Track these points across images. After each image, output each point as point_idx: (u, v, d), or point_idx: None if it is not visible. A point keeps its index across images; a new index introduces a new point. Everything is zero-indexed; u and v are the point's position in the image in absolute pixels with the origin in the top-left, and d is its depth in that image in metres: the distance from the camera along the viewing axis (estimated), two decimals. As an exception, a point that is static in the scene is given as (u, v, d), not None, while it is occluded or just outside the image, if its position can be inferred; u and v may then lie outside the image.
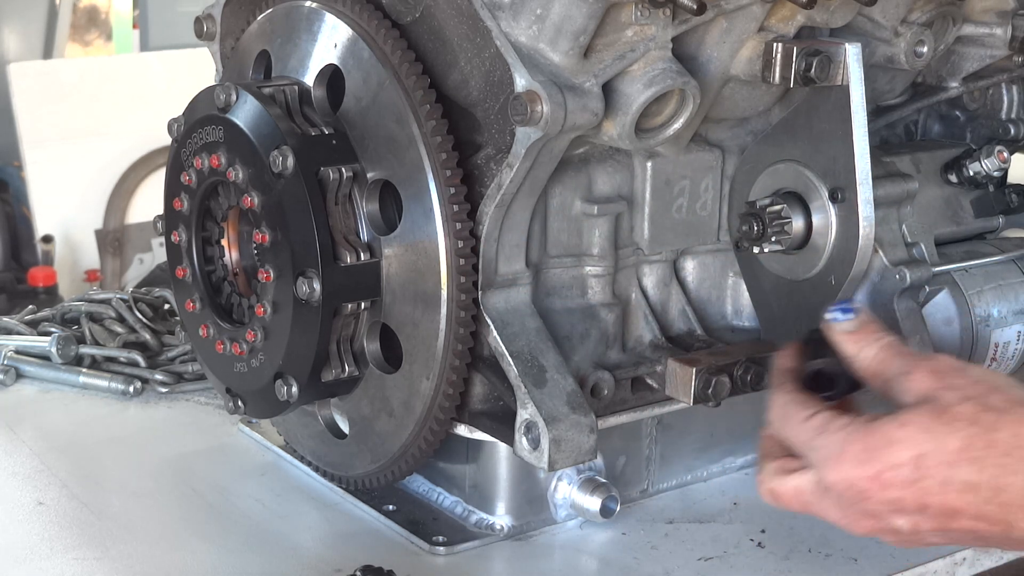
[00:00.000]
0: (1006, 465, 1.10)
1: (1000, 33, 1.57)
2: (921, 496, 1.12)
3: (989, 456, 1.10)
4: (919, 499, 1.12)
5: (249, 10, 1.51)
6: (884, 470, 1.12)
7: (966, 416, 1.11)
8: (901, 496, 1.13)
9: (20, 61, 5.35)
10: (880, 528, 1.16)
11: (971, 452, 1.10)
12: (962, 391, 1.13)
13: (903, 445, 1.12)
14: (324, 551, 1.41)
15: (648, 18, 1.27)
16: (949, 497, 1.11)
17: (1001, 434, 1.10)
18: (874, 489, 1.13)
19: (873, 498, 1.14)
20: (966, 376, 1.15)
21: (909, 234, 1.49)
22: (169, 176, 1.48)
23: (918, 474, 1.12)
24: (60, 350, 1.85)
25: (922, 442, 1.11)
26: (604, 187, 1.39)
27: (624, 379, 1.41)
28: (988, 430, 1.10)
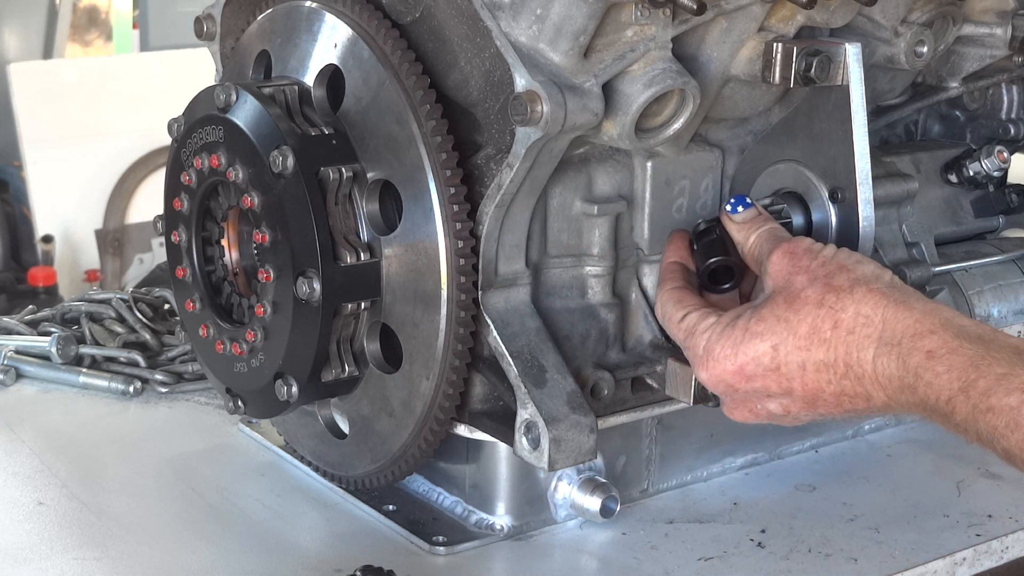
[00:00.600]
0: (851, 342, 1.18)
1: (1000, 33, 1.57)
2: (784, 381, 1.21)
3: (836, 335, 1.19)
4: (783, 384, 1.22)
5: (249, 10, 1.51)
6: (746, 363, 1.22)
7: (813, 299, 1.20)
8: (766, 384, 1.22)
9: (20, 61, 5.35)
10: (756, 413, 1.26)
11: (820, 334, 1.19)
12: (811, 273, 1.22)
13: (761, 337, 1.21)
14: (324, 551, 1.41)
15: (648, 18, 1.27)
16: (808, 378, 1.20)
17: (846, 313, 1.19)
18: (740, 382, 1.23)
19: (741, 389, 1.24)
20: (816, 258, 1.24)
21: (909, 234, 1.50)
22: (169, 176, 1.48)
23: (777, 362, 1.21)
24: (60, 350, 1.85)
25: (777, 332, 1.21)
26: (604, 187, 1.39)
27: (624, 379, 1.41)
28: (833, 310, 1.19)
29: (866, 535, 1.45)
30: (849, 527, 1.47)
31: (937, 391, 1.12)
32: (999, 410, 1.08)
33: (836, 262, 1.23)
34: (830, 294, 1.20)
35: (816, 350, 1.19)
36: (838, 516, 1.49)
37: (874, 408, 1.19)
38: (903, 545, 1.43)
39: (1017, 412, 1.07)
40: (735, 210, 1.32)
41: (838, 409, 1.21)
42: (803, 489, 1.55)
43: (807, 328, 1.20)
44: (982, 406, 1.09)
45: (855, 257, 1.24)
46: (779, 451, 1.62)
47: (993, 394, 1.09)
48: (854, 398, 1.19)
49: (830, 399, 1.20)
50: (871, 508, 1.50)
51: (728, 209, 1.32)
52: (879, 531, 1.46)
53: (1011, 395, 1.08)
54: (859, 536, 1.45)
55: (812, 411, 1.23)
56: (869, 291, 1.19)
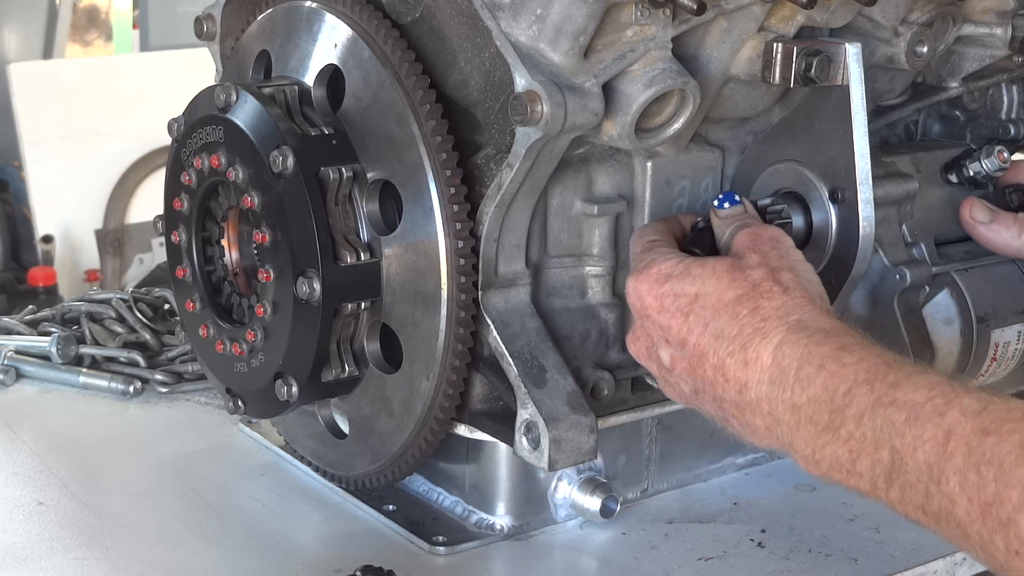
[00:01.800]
0: (759, 328, 1.17)
1: (1000, 33, 1.57)
2: (684, 330, 1.21)
3: (749, 317, 1.18)
4: (682, 332, 1.22)
5: (249, 10, 1.51)
6: (667, 295, 1.23)
7: (752, 279, 1.20)
8: (670, 323, 1.22)
9: (20, 61, 5.35)
10: (649, 354, 1.27)
11: (737, 308, 1.19)
12: (765, 257, 1.23)
13: (691, 280, 1.22)
14: (324, 551, 1.41)
15: (648, 18, 1.27)
16: (703, 340, 1.20)
17: (771, 303, 1.18)
18: (653, 308, 1.24)
19: (651, 317, 1.24)
20: (776, 248, 1.24)
21: (909, 234, 1.49)
22: (169, 176, 1.48)
23: (689, 309, 1.21)
24: (60, 350, 1.85)
25: (707, 284, 1.21)
26: (604, 187, 1.39)
27: (624, 379, 1.41)
28: (761, 296, 1.19)
29: (866, 535, 1.45)
30: (849, 527, 1.47)
31: (838, 381, 1.09)
32: (902, 404, 1.04)
33: (791, 264, 1.23)
34: (768, 283, 1.19)
35: (724, 318, 1.19)
36: (838, 516, 1.49)
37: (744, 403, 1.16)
38: (903, 545, 1.43)
39: (921, 407, 1.02)
40: (721, 205, 1.33)
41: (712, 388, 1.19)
42: (803, 489, 1.55)
43: (731, 297, 1.19)
44: (885, 399, 1.05)
45: (810, 273, 1.24)
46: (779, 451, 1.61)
47: (900, 388, 1.05)
48: (729, 381, 1.17)
49: (709, 371, 1.19)
50: (871, 508, 1.49)
51: (715, 204, 1.33)
52: (879, 531, 1.46)
53: (919, 390, 1.04)
54: (859, 536, 1.45)
55: (691, 377, 1.21)
56: (804, 298, 1.19)
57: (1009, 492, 0.94)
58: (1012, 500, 0.94)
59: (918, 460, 1.01)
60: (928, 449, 1.01)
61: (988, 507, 0.96)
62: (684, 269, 1.23)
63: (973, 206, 1.51)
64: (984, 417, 0.99)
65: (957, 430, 0.99)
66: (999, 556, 0.95)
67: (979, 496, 0.96)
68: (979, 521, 0.96)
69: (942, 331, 1.50)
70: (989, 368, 1.55)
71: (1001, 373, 1.58)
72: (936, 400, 1.02)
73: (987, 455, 0.96)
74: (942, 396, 1.02)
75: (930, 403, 1.02)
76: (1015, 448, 0.95)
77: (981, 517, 0.96)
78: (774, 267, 1.22)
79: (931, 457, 1.00)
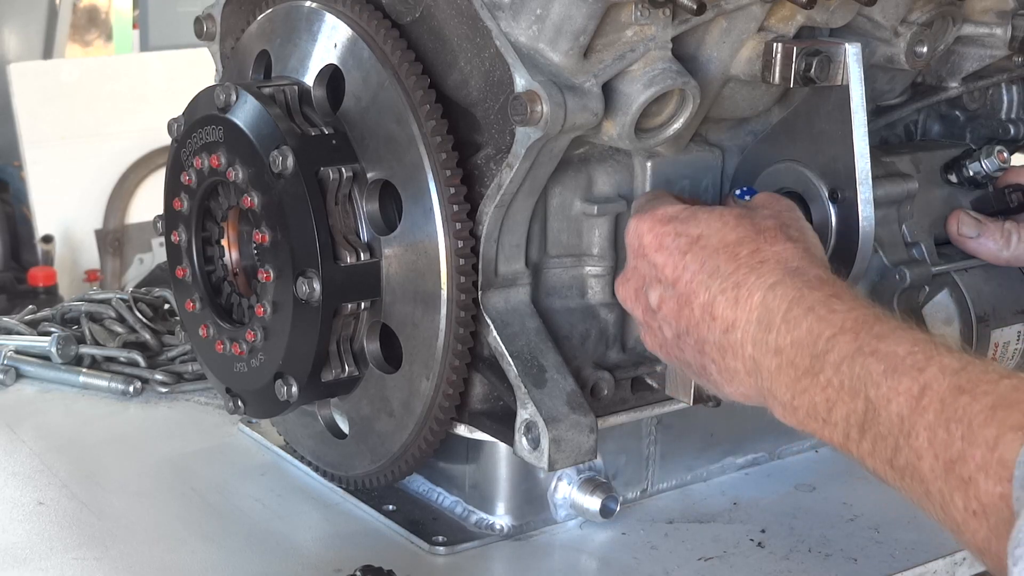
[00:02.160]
0: (756, 268, 1.17)
1: (1000, 33, 1.57)
2: (679, 269, 1.21)
3: (747, 258, 1.18)
4: (676, 271, 1.21)
5: (249, 10, 1.51)
6: (668, 234, 1.22)
7: (757, 225, 1.21)
8: (665, 262, 1.22)
9: (20, 61, 5.35)
10: (636, 296, 1.26)
11: (736, 248, 1.19)
12: (776, 214, 1.23)
13: (696, 223, 1.22)
14: (324, 551, 1.41)
15: (648, 18, 1.27)
16: (697, 277, 1.19)
17: (771, 248, 1.18)
18: (651, 247, 1.23)
19: (647, 256, 1.24)
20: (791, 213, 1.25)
21: (909, 234, 1.49)
22: (169, 176, 1.48)
23: (689, 248, 1.21)
24: (60, 350, 1.85)
25: (711, 226, 1.21)
26: (604, 187, 1.39)
27: (624, 379, 1.41)
28: (764, 241, 1.19)
29: (866, 535, 1.45)
30: (849, 527, 1.47)
31: (824, 326, 1.08)
32: (883, 355, 1.03)
33: (801, 225, 1.24)
34: (773, 230, 1.20)
35: (722, 257, 1.18)
36: (838, 516, 1.49)
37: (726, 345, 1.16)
38: (903, 545, 1.43)
39: (901, 360, 1.02)
40: (743, 196, 1.33)
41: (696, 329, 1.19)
42: (803, 489, 1.55)
43: (733, 239, 1.19)
44: (867, 348, 1.04)
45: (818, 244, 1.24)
46: (779, 451, 1.62)
47: (884, 340, 1.04)
48: (715, 320, 1.17)
49: (697, 309, 1.18)
50: (871, 508, 1.50)
51: (736, 193, 1.34)
52: (879, 531, 1.46)
53: (901, 344, 1.03)
54: (859, 536, 1.45)
55: (676, 319, 1.21)
56: (807, 250, 1.19)
57: (974, 451, 0.93)
58: (975, 459, 0.93)
59: (891, 412, 1.01)
60: (902, 402, 1.00)
61: (952, 464, 0.95)
62: (691, 213, 1.24)
63: (960, 220, 1.52)
64: (961, 376, 0.98)
65: (933, 386, 0.99)
66: (957, 515, 0.95)
67: (945, 453, 0.96)
68: (942, 478, 0.96)
69: (942, 331, 1.50)
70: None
71: (1001, 373, 1.57)
72: (917, 355, 1.02)
73: (958, 413, 0.95)
74: (923, 352, 1.02)
75: (910, 357, 1.02)
76: (985, 409, 0.94)
77: (944, 474, 0.95)
78: (784, 221, 1.22)
79: (904, 410, 1.00)
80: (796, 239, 1.20)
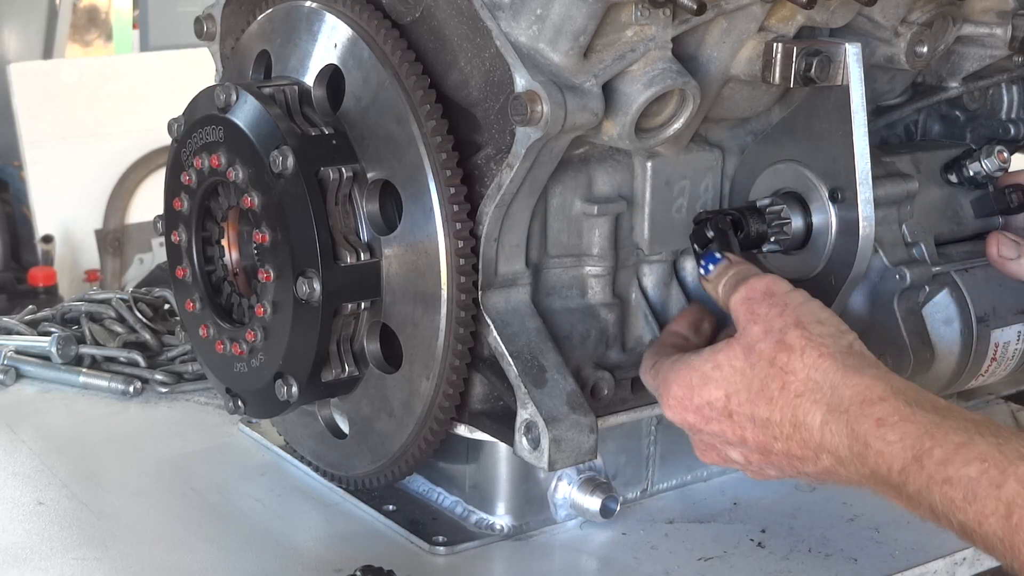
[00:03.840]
0: (798, 406, 1.17)
1: (1000, 33, 1.57)
2: (737, 430, 1.22)
3: (783, 397, 1.18)
4: (737, 432, 1.22)
5: (249, 10, 1.51)
6: (702, 405, 1.23)
7: (766, 356, 1.20)
8: (723, 429, 1.23)
9: (20, 61, 5.35)
10: (723, 458, 1.26)
11: (767, 392, 1.19)
12: (766, 324, 1.21)
13: (715, 384, 1.22)
14: (324, 551, 1.41)
15: (648, 18, 1.27)
16: (757, 432, 1.20)
17: (795, 376, 1.18)
18: (700, 422, 1.24)
19: (703, 430, 1.24)
20: (773, 307, 1.22)
21: (909, 234, 1.49)
22: (169, 176, 1.48)
23: (729, 410, 1.21)
24: (60, 350, 1.85)
25: (731, 381, 1.21)
26: (604, 187, 1.39)
27: (624, 379, 1.41)
28: (783, 372, 1.18)
29: (866, 535, 1.45)
30: (849, 527, 1.47)
31: (889, 460, 1.09)
32: (956, 481, 1.04)
33: (794, 316, 1.21)
34: (782, 353, 1.19)
35: (763, 407, 1.19)
36: (838, 516, 1.49)
37: (824, 471, 1.17)
38: (903, 545, 1.43)
39: (976, 483, 1.03)
40: (707, 270, 1.32)
41: (791, 468, 1.20)
42: (803, 489, 1.55)
43: (758, 384, 1.19)
44: (938, 477, 1.05)
45: (816, 314, 1.22)
46: (779, 451, 1.61)
47: (950, 464, 1.05)
48: (802, 460, 1.18)
49: (780, 455, 1.20)
50: (871, 508, 1.50)
51: (702, 272, 1.32)
52: (879, 531, 1.46)
53: (970, 465, 1.04)
54: (859, 536, 1.45)
55: (769, 464, 1.22)
56: (820, 356, 1.17)
57: None
58: None
59: (987, 532, 1.03)
60: (993, 523, 1.02)
61: None
62: (701, 376, 1.23)
63: (1000, 242, 1.50)
64: None
65: (1018, 501, 1.01)
66: None
67: None
68: None
69: (942, 331, 1.50)
70: (989, 368, 1.55)
71: (1001, 373, 1.58)
72: (990, 472, 1.03)
73: None
74: (995, 467, 1.03)
75: (984, 476, 1.03)
76: None
77: None
78: (778, 331, 1.20)
79: (998, 531, 1.02)
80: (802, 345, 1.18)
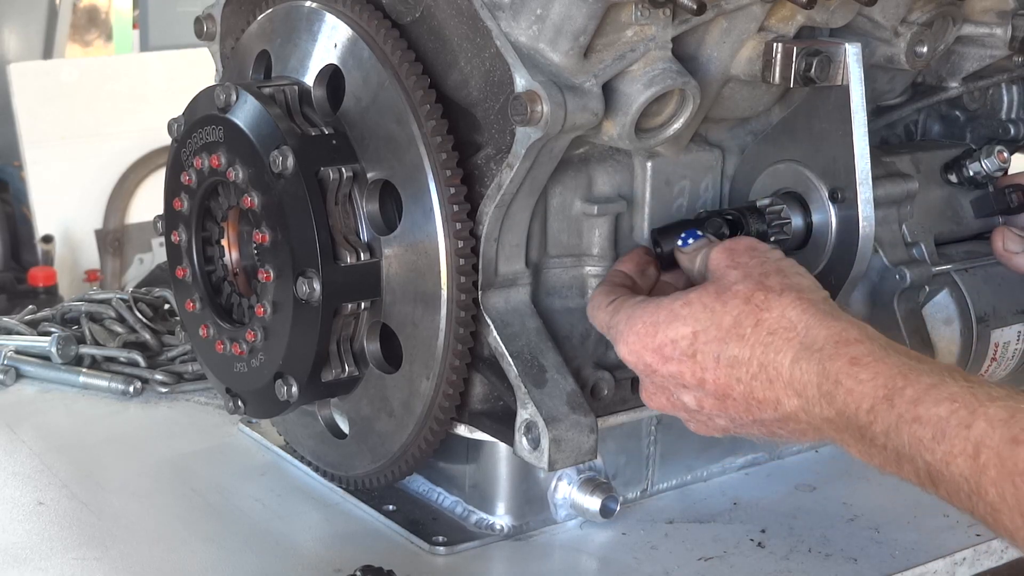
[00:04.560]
0: (770, 343, 1.16)
1: (1000, 33, 1.57)
2: (698, 371, 1.19)
3: (755, 334, 1.16)
4: (696, 374, 1.19)
5: (249, 10, 1.51)
6: (664, 343, 1.20)
7: (742, 294, 1.18)
8: (681, 370, 1.20)
9: (20, 61, 5.35)
10: (672, 404, 1.24)
11: (740, 329, 1.17)
12: (746, 270, 1.20)
13: (683, 321, 1.20)
14: (324, 551, 1.41)
15: (648, 18, 1.27)
16: (720, 372, 1.18)
17: (770, 314, 1.16)
18: (657, 362, 1.21)
19: (659, 371, 1.22)
20: (755, 257, 1.22)
21: (909, 234, 1.49)
22: (169, 176, 1.49)
23: (694, 348, 1.19)
24: (60, 350, 1.85)
25: (700, 319, 1.19)
26: (604, 187, 1.39)
27: (624, 379, 1.41)
28: (759, 309, 1.17)
29: (866, 535, 1.45)
30: (849, 527, 1.47)
31: (858, 399, 1.08)
32: (926, 420, 1.04)
33: (775, 265, 1.21)
34: (759, 292, 1.18)
35: (733, 344, 1.17)
36: (838, 516, 1.49)
37: (783, 417, 1.16)
38: (903, 545, 1.43)
39: (945, 422, 1.02)
40: (685, 243, 1.32)
41: (747, 414, 1.18)
42: (803, 489, 1.55)
43: (730, 321, 1.18)
44: (908, 415, 1.05)
45: (796, 268, 1.22)
46: (779, 451, 1.62)
47: (921, 403, 1.04)
48: (762, 403, 1.16)
49: (739, 399, 1.18)
50: (871, 508, 1.50)
51: (679, 244, 1.33)
52: (879, 531, 1.46)
53: (940, 404, 1.03)
54: (859, 536, 1.45)
55: (722, 411, 1.20)
56: (799, 298, 1.17)
57: None
58: None
59: (953, 473, 1.02)
60: (961, 463, 1.01)
61: None
62: (668, 313, 1.21)
63: (1006, 237, 1.49)
64: (1012, 426, 0.99)
65: (986, 442, 1.00)
66: None
67: (1019, 506, 0.97)
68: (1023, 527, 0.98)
69: (942, 331, 1.50)
70: (989, 368, 1.55)
71: (1001, 373, 1.58)
72: (960, 412, 1.02)
73: (1020, 465, 0.97)
74: (965, 407, 1.02)
75: (954, 416, 1.02)
76: None
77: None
78: (758, 275, 1.20)
79: (965, 471, 1.01)
80: (781, 289, 1.18)
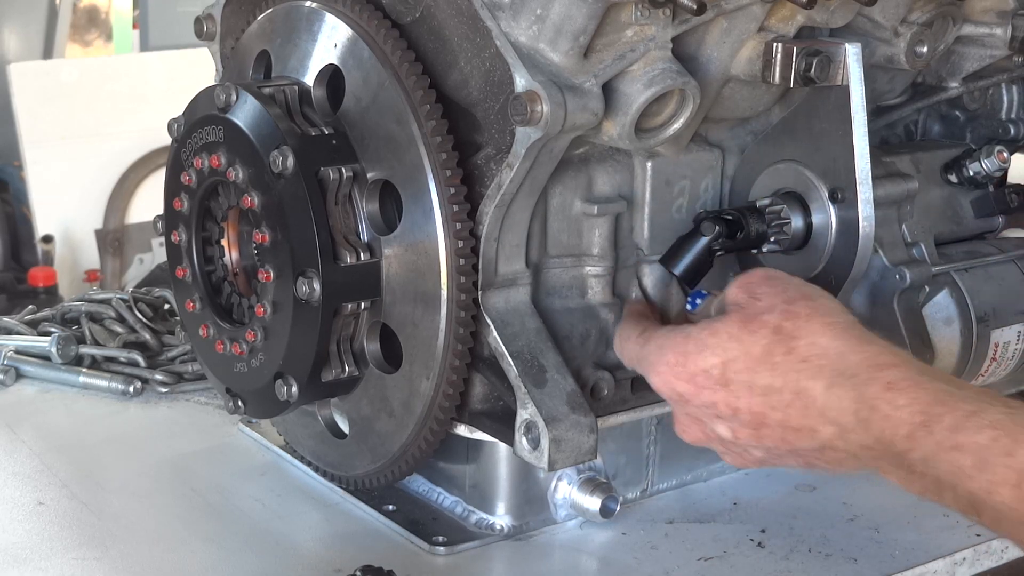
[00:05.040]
0: (802, 371, 1.15)
1: (1000, 33, 1.57)
2: (732, 400, 1.19)
3: (787, 362, 1.16)
4: (730, 403, 1.19)
5: (249, 10, 1.51)
6: (696, 374, 1.20)
7: (770, 324, 1.18)
8: (715, 400, 1.20)
9: (20, 61, 5.35)
10: (707, 435, 1.24)
11: (771, 358, 1.17)
12: (770, 299, 1.20)
13: (712, 351, 1.19)
14: (324, 551, 1.41)
15: (648, 18, 1.27)
16: (754, 401, 1.17)
17: (801, 341, 1.16)
18: (691, 392, 1.21)
19: (692, 401, 1.21)
20: (775, 285, 1.22)
21: (909, 234, 1.50)
22: (169, 176, 1.49)
23: (726, 378, 1.19)
24: (60, 350, 1.85)
25: (728, 348, 1.19)
26: (604, 187, 1.39)
27: (624, 379, 1.41)
28: (788, 337, 1.17)
29: (866, 535, 1.45)
30: (849, 527, 1.47)
31: (895, 425, 1.07)
32: (967, 448, 1.03)
33: (798, 291, 1.20)
34: (788, 321, 1.17)
35: (764, 374, 1.16)
36: (838, 516, 1.49)
37: (820, 447, 1.15)
38: (903, 545, 1.43)
39: (987, 450, 1.01)
40: (693, 305, 1.32)
41: (783, 444, 1.18)
42: (803, 489, 1.55)
43: (759, 350, 1.17)
44: (947, 443, 1.04)
45: (819, 291, 1.22)
46: (779, 451, 1.61)
47: (961, 431, 1.03)
48: (798, 431, 1.16)
49: (775, 428, 1.17)
50: (871, 508, 1.50)
51: (688, 308, 1.33)
52: (879, 531, 1.46)
53: (981, 432, 1.02)
54: (859, 536, 1.45)
55: (758, 441, 1.19)
56: (829, 324, 1.16)
57: None
58: None
59: (997, 502, 1.02)
60: (1005, 492, 1.01)
61: None
62: (697, 343, 1.21)
63: None
64: None
65: None
66: None
67: None
68: None
69: (942, 331, 1.50)
70: (989, 368, 1.55)
71: (1001, 373, 1.58)
72: (1002, 440, 1.02)
73: None
74: (1008, 435, 1.02)
75: (996, 444, 1.02)
76: None
77: None
78: (783, 302, 1.19)
79: (1009, 500, 1.01)
80: (809, 313, 1.17)
